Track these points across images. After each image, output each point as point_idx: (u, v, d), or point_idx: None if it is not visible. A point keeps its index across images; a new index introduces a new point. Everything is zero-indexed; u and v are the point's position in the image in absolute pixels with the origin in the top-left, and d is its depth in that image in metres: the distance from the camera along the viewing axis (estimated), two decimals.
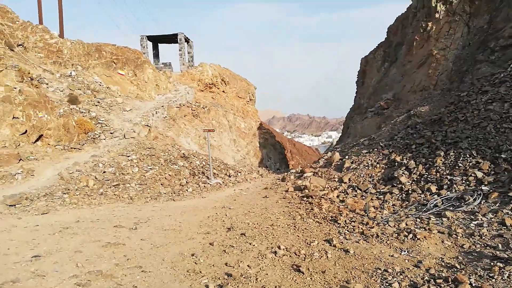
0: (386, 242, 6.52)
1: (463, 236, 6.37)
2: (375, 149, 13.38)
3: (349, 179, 12.23)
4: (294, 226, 7.97)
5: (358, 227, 7.51)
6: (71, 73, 21.61)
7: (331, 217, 8.59)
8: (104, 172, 13.96)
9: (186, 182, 14.93)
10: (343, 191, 11.42)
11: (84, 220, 9.17)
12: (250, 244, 6.86)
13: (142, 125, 19.53)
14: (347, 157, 14.44)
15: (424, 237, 6.39)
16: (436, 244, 6.29)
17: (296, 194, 12.01)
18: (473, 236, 6.28)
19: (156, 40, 36.66)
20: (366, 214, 8.44)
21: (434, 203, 8.35)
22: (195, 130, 24.97)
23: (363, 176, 12.06)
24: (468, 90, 12.76)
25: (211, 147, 25.25)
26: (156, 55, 37.42)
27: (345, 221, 8.03)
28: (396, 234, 6.76)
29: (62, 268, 5.72)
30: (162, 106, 24.05)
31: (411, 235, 6.51)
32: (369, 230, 7.17)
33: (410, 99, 16.92)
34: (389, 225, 7.39)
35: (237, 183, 16.24)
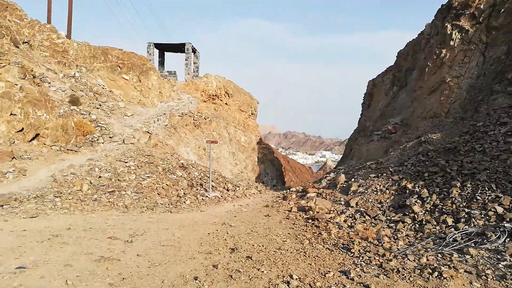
0: (408, 279, 5.91)
1: (494, 278, 5.78)
2: (384, 174, 12.85)
3: (357, 204, 11.66)
4: (304, 252, 7.35)
5: (375, 258, 6.90)
6: (74, 74, 21.10)
7: (343, 244, 7.98)
8: (100, 177, 13.34)
9: (184, 193, 14.31)
10: (351, 216, 10.82)
11: (75, 227, 8.51)
12: (258, 270, 6.23)
13: (143, 132, 18.95)
14: (353, 179, 13.90)
15: (451, 276, 5.79)
16: (464, 285, 5.69)
17: (300, 215, 11.43)
18: (505, 280, 5.69)
19: (163, 48, 36.43)
20: (380, 244, 7.84)
21: (453, 237, 7.77)
22: (196, 140, 24.42)
23: (372, 201, 11.49)
24: (485, 120, 12.34)
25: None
26: (161, 63, 37.13)
27: (359, 250, 7.42)
28: (419, 271, 6.15)
29: (49, 285, 5.07)
30: (164, 113, 23.52)
31: (436, 273, 5.91)
32: (387, 263, 6.55)
33: (419, 125, 16.50)
34: (408, 259, 6.79)
35: (236, 198, 15.62)
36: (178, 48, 35.59)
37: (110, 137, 17.17)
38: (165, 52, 38.04)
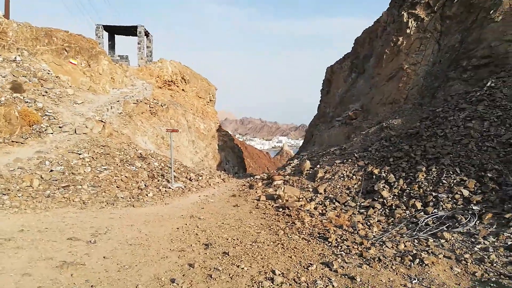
0: (391, 267, 5.83)
1: (473, 262, 5.86)
2: (349, 160, 12.91)
3: (325, 190, 11.62)
4: (282, 244, 7.08)
5: (353, 247, 6.79)
6: (15, 58, 19.16)
7: (319, 233, 7.82)
8: (52, 171, 12.22)
9: (145, 185, 13.55)
10: (320, 203, 10.75)
11: (29, 228, 7.65)
12: (238, 266, 5.86)
13: (96, 120, 17.67)
14: (318, 166, 13.88)
15: (432, 262, 5.79)
16: (445, 270, 5.71)
17: (269, 204, 11.18)
18: (483, 263, 5.78)
19: (113, 30, 34.29)
20: (356, 232, 7.77)
21: (425, 221, 7.88)
22: (153, 128, 23.35)
23: (340, 187, 11.49)
24: (443, 106, 12.73)
25: (169, 147, 23.77)
26: (111, 47, 34.99)
27: (336, 239, 7.29)
28: (399, 258, 6.10)
29: None
30: (118, 101, 22.15)
31: (417, 260, 5.89)
32: (367, 251, 6.46)
33: (379, 111, 16.82)
34: (386, 246, 6.75)
35: (200, 188, 15.07)
36: (130, 31, 33.72)
37: (59, 127, 15.80)
38: (115, 36, 35.85)
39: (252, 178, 18.50)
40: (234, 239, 7.53)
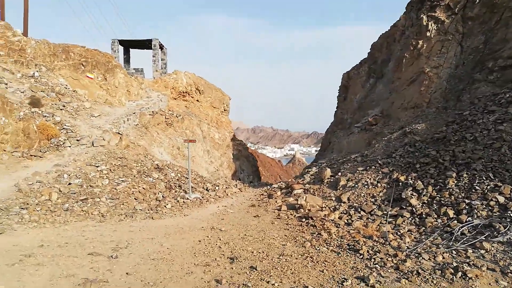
0: (431, 281, 5.45)
1: None
2: (373, 167, 12.52)
3: (348, 199, 11.25)
4: (311, 257, 6.76)
5: (387, 259, 6.42)
6: (34, 73, 19.43)
7: (348, 245, 7.48)
8: (70, 184, 12.18)
9: (163, 196, 13.43)
10: (345, 212, 10.39)
11: (49, 244, 7.51)
12: (268, 282, 5.57)
13: (113, 133, 17.70)
14: (340, 173, 13.52)
15: (476, 275, 5.40)
16: (490, 284, 5.31)
17: (291, 214, 10.88)
18: None
19: (128, 44, 34.76)
20: (387, 243, 7.40)
21: (460, 231, 7.46)
22: (169, 139, 23.35)
23: (364, 195, 11.11)
24: (471, 109, 12.27)
25: (184, 158, 23.72)
26: (127, 60, 35.44)
27: (368, 251, 6.93)
28: (439, 271, 5.72)
29: None
30: (134, 113, 22.25)
31: (460, 273, 5.50)
32: (402, 264, 6.09)
33: (400, 116, 16.39)
34: (423, 258, 6.36)
35: (218, 199, 14.87)
36: (144, 44, 34.10)
37: (77, 140, 15.87)
38: (130, 49, 36.35)
39: (269, 187, 18.21)
40: (259, 252, 7.24)
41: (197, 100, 31.28)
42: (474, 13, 15.72)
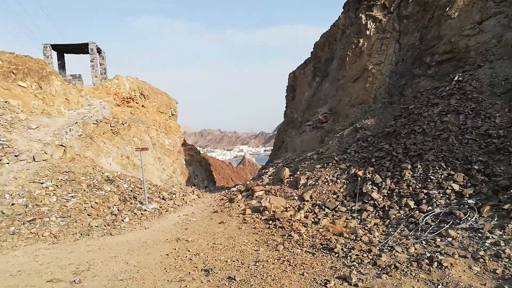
0: (411, 274, 5.52)
1: (490, 259, 5.69)
2: (330, 164, 12.71)
3: (311, 197, 11.30)
4: (287, 261, 6.59)
5: (363, 256, 6.44)
6: None
7: (321, 244, 7.42)
8: (13, 204, 10.98)
9: (118, 210, 12.60)
10: (310, 211, 10.39)
11: (0, 274, 6.61)
12: None
13: (55, 145, 16.28)
14: (298, 172, 13.57)
15: (451, 264, 5.56)
16: (464, 271, 5.49)
17: (257, 217, 10.67)
18: (500, 259, 5.63)
19: (62, 49, 32.31)
20: (359, 239, 7.45)
21: (424, 220, 7.73)
22: (117, 148, 22.06)
23: (326, 193, 11.21)
24: (415, 103, 12.91)
25: (135, 167, 22.58)
26: (62, 66, 32.99)
27: (342, 249, 6.91)
28: (415, 263, 5.82)
29: None
30: (76, 122, 20.71)
31: (435, 263, 5.63)
32: (379, 259, 6.13)
33: (349, 113, 16.88)
34: (396, 251, 6.47)
35: (177, 207, 14.27)
36: (80, 49, 31.91)
37: (15, 156, 14.38)
38: (65, 55, 33.88)
39: (228, 191, 17.88)
40: (234, 261, 6.94)
41: (143, 106, 29.99)
42: (409, 12, 16.60)
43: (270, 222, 9.86)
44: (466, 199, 8.06)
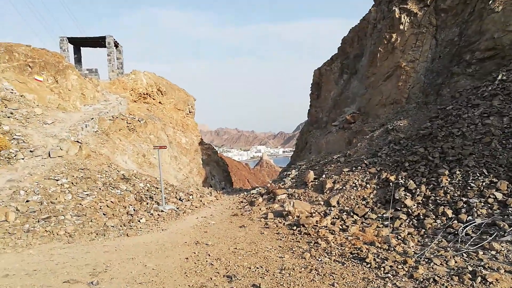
0: None
1: None
2: (359, 167, 12.55)
3: (338, 202, 11.18)
4: (315, 270, 6.52)
5: (398, 267, 6.31)
6: None
7: (351, 253, 7.32)
8: (28, 201, 11.31)
9: (134, 210, 12.80)
10: (337, 217, 10.28)
11: (14, 272, 6.83)
12: None
13: (71, 141, 16.67)
14: (324, 176, 13.46)
15: (496, 279, 5.38)
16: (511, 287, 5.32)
17: (279, 222, 10.64)
18: None
19: (78, 43, 33.12)
20: (392, 249, 7.31)
21: (464, 231, 7.52)
22: (133, 146, 22.42)
23: (354, 198, 11.07)
24: (453, 104, 12.60)
25: (151, 166, 22.89)
26: (78, 60, 33.79)
27: (374, 259, 6.80)
28: (456, 277, 5.66)
29: None
30: (92, 118, 21.16)
31: (479, 278, 5.46)
32: (415, 271, 5.99)
33: (379, 113, 16.64)
34: (434, 263, 6.31)
35: (194, 209, 14.38)
36: (97, 42, 32.62)
37: (31, 151, 14.80)
38: (81, 48, 34.68)
39: (247, 193, 17.90)
40: (257, 267, 6.92)
41: (160, 102, 30.38)
42: (447, 5, 16.23)
43: (294, 227, 9.80)
44: (510, 209, 7.80)
